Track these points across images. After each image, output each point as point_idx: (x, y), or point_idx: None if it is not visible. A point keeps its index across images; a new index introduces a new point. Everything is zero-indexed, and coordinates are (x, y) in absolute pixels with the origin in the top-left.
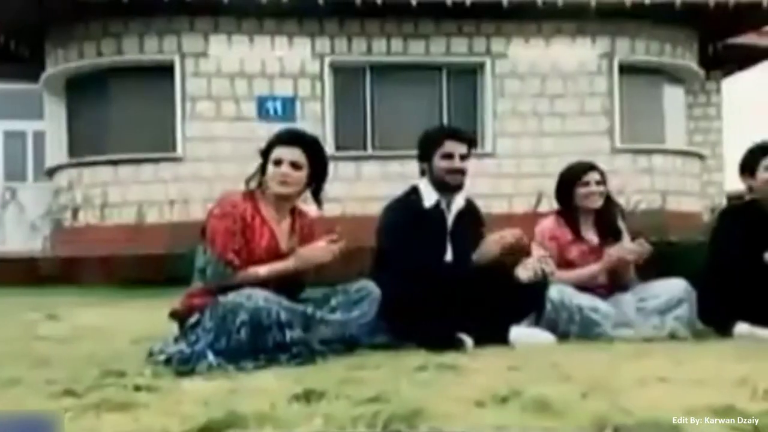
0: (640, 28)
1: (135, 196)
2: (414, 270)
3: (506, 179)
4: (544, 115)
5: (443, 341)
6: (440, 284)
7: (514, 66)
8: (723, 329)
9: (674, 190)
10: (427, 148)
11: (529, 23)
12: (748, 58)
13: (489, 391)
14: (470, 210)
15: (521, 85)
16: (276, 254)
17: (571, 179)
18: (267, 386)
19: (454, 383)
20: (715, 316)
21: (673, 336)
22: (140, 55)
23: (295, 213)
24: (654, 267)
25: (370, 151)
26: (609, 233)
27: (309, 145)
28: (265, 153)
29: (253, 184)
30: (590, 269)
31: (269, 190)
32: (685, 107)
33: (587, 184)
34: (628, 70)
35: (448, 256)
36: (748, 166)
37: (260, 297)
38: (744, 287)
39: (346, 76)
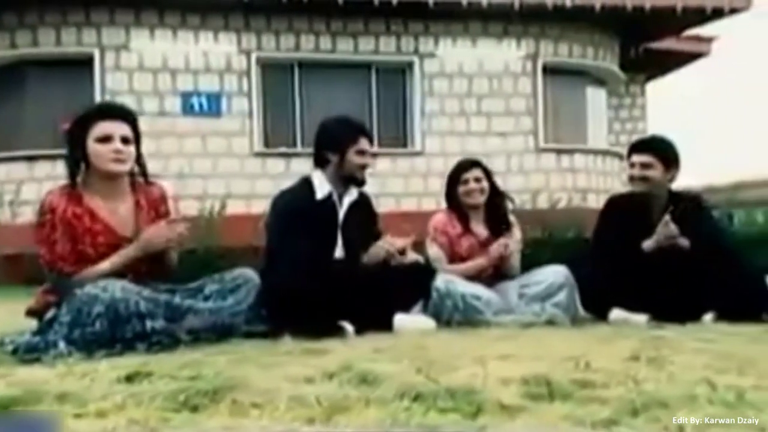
0: (563, 31)
1: None
2: (299, 259)
3: (435, 178)
4: (471, 114)
5: (323, 329)
6: (326, 274)
7: (442, 66)
8: (601, 315)
9: (595, 189)
10: (341, 141)
11: (456, 24)
12: (668, 62)
13: (324, 368)
14: (363, 202)
15: (449, 84)
16: (119, 245)
17: (452, 178)
18: (99, 370)
19: (300, 364)
20: (594, 303)
21: (551, 321)
22: (57, 48)
23: (136, 190)
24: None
25: (299, 147)
26: (498, 226)
27: (133, 119)
28: (79, 131)
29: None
30: (476, 263)
31: (98, 170)
32: (611, 109)
33: (466, 182)
34: (551, 71)
35: (339, 248)
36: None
37: (117, 288)
38: (620, 274)
39: (273, 72)
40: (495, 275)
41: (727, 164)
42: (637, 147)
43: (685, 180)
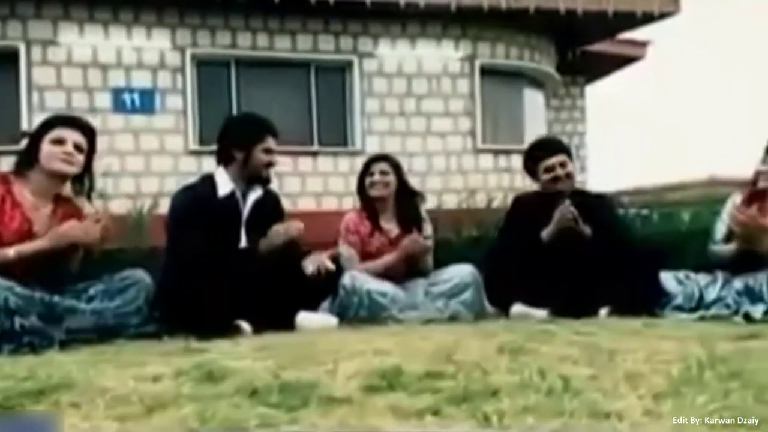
0: (499, 33)
1: None
2: (194, 258)
3: None
4: (411, 114)
5: (217, 328)
6: (226, 272)
7: (381, 66)
8: (506, 311)
9: (531, 188)
10: (247, 139)
11: (395, 24)
12: (605, 65)
13: (179, 366)
14: (269, 200)
15: (388, 84)
16: (29, 239)
17: (361, 172)
18: None
19: (162, 363)
20: (500, 298)
21: (454, 318)
22: None
23: (59, 200)
24: None
25: None
26: (409, 223)
27: (90, 132)
28: (38, 134)
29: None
30: (385, 260)
31: (45, 169)
32: (552, 110)
33: (372, 174)
34: (489, 73)
35: (243, 246)
36: (528, 165)
37: None
38: (524, 270)
39: (209, 69)
40: (406, 273)
41: (661, 166)
42: (550, 149)
43: (616, 182)
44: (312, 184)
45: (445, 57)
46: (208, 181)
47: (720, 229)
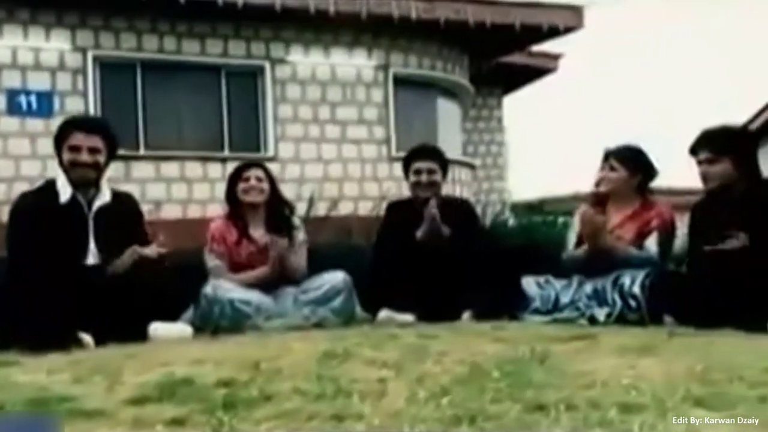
0: (411, 43)
1: None
2: (33, 268)
3: (289, 184)
4: (325, 121)
5: (55, 340)
6: (67, 283)
7: (294, 72)
8: (376, 315)
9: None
10: (56, 138)
11: (308, 31)
12: (519, 77)
13: None
14: (120, 205)
15: (302, 91)
16: None
17: (233, 176)
18: None
19: None
20: (371, 304)
21: (320, 324)
22: None
23: None
24: None
25: (142, 151)
26: (279, 231)
27: None
28: None
29: None
30: (257, 273)
31: None
32: (471, 120)
33: (247, 179)
34: (402, 82)
35: (91, 254)
36: (404, 170)
37: None
38: (392, 275)
39: (113, 72)
40: (277, 280)
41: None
42: (420, 155)
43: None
44: (221, 190)
45: (358, 65)
46: (50, 186)
47: (571, 237)
